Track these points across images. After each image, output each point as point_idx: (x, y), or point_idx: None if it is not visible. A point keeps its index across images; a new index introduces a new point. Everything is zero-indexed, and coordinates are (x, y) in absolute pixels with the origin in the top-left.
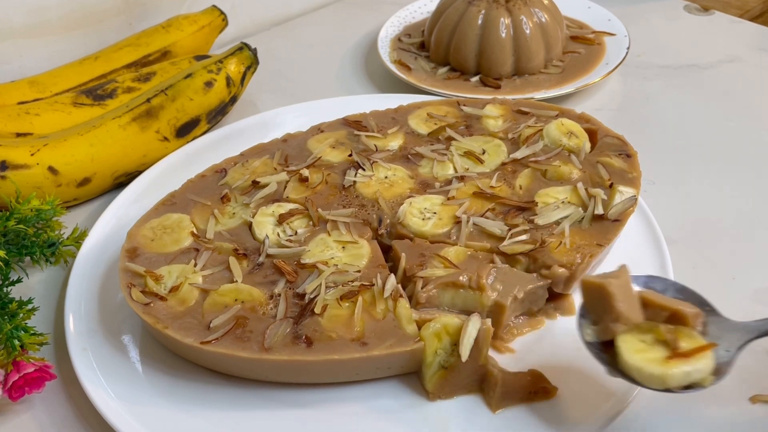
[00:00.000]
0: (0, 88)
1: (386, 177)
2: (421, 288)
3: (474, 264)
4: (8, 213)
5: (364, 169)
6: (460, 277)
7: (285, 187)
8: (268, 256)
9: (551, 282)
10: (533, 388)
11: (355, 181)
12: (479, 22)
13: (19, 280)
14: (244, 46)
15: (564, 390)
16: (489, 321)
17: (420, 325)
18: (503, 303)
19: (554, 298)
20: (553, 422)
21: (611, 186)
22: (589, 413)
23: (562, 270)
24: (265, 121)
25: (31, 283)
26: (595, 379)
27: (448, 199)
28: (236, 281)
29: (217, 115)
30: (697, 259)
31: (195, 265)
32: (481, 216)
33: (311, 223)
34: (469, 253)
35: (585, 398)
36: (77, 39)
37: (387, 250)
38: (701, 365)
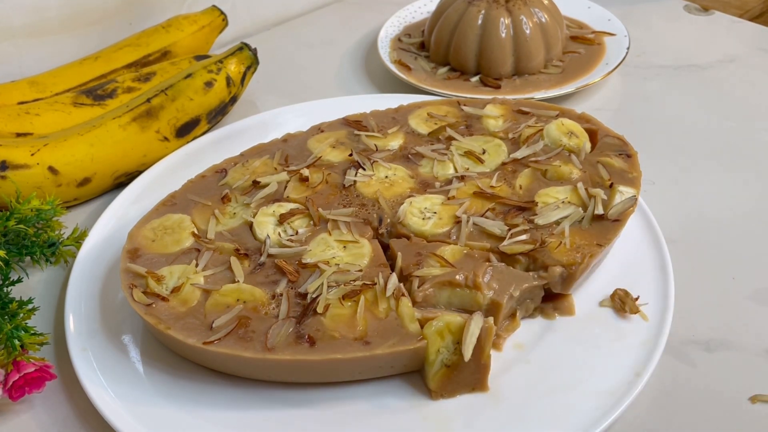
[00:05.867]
0: (0, 88)
1: (386, 176)
2: (418, 287)
3: (470, 263)
4: (8, 213)
5: (364, 169)
6: (456, 276)
7: (285, 186)
8: (269, 255)
9: (551, 282)
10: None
11: (355, 181)
12: (479, 22)
13: (19, 280)
14: (244, 46)
15: (565, 389)
16: (491, 319)
17: (422, 323)
18: (499, 301)
19: (553, 298)
20: (554, 421)
21: (611, 186)
22: (590, 412)
23: (561, 270)
24: (265, 121)
25: (31, 283)
26: (596, 379)
27: (449, 198)
28: (238, 281)
29: (217, 115)
30: (697, 259)
31: (196, 265)
32: (481, 216)
33: (312, 222)
34: (465, 252)
35: (585, 397)
36: (77, 39)
37: (388, 250)
38: None
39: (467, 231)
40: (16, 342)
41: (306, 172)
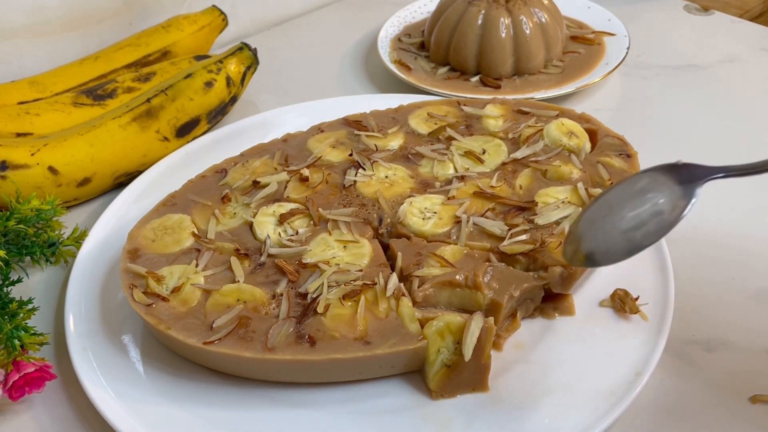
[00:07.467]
0: (0, 88)
1: (386, 176)
2: (418, 287)
3: (470, 263)
4: (8, 213)
5: (364, 169)
6: (456, 276)
7: (285, 186)
8: (269, 255)
9: (550, 282)
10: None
11: (355, 181)
12: (479, 22)
13: (19, 280)
14: (244, 46)
15: (565, 389)
16: (491, 319)
17: (423, 323)
18: (499, 301)
19: (553, 298)
20: (554, 421)
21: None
22: (590, 412)
23: (561, 270)
24: (265, 121)
25: (31, 283)
26: (596, 379)
27: (449, 198)
28: (238, 281)
29: (217, 115)
30: (697, 259)
31: (197, 265)
32: (481, 216)
33: (312, 222)
34: (465, 252)
35: (585, 398)
36: (77, 39)
37: (388, 250)
38: None
39: (467, 231)
40: (16, 342)
41: (306, 172)
